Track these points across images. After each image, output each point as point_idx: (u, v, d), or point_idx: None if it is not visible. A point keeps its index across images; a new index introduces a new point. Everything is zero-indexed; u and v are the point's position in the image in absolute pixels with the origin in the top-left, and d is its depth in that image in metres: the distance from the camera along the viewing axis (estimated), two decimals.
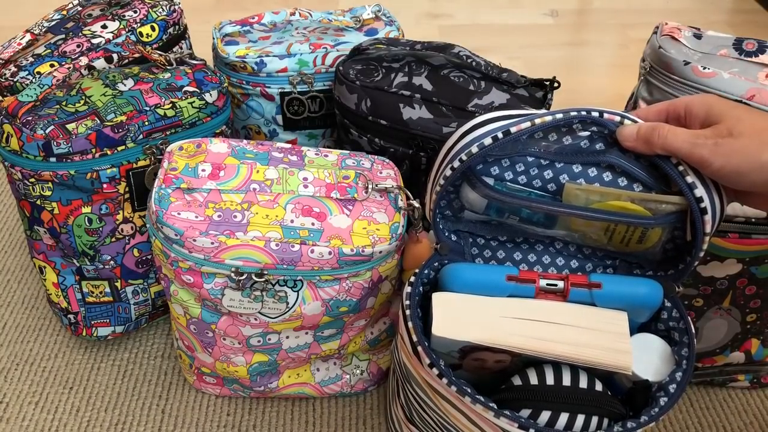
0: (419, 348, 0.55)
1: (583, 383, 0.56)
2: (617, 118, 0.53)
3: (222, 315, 0.68)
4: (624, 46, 1.52)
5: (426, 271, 0.61)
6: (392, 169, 0.72)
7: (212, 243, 0.61)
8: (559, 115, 0.53)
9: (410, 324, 0.57)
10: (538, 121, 0.53)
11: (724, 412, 0.80)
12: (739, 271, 0.69)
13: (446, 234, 0.63)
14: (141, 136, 0.71)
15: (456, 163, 0.55)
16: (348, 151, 0.73)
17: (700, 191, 0.51)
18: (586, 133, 0.55)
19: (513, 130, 0.53)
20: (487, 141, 0.53)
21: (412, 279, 0.60)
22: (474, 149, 0.54)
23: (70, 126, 0.68)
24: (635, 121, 0.53)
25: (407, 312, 0.57)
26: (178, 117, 0.72)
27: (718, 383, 0.81)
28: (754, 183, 0.48)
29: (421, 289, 0.60)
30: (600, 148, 0.56)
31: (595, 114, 0.53)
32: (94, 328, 0.81)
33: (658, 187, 0.55)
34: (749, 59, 0.73)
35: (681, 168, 0.51)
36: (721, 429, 0.79)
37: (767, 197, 0.52)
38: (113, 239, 0.76)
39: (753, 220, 0.65)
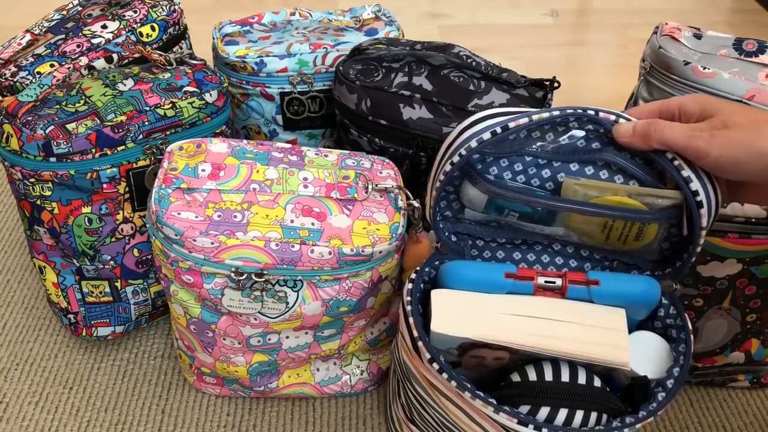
0: (419, 343, 0.56)
1: (582, 379, 0.56)
2: (612, 117, 0.54)
3: (222, 315, 0.68)
4: (624, 46, 1.52)
5: (427, 269, 0.62)
6: (392, 169, 0.72)
7: (212, 243, 0.61)
8: (556, 113, 0.54)
9: (411, 320, 0.57)
10: (535, 117, 0.54)
11: (724, 412, 0.80)
12: (739, 271, 0.69)
13: (446, 234, 0.63)
14: (141, 136, 0.71)
15: (455, 158, 0.55)
16: (348, 151, 0.73)
17: (695, 185, 0.52)
18: (582, 133, 0.56)
19: (511, 125, 0.54)
20: (486, 136, 0.54)
21: (413, 276, 0.60)
22: (473, 144, 0.54)
23: (70, 126, 0.68)
24: (630, 120, 0.54)
25: (408, 308, 0.58)
26: (178, 117, 0.72)
27: (718, 383, 0.81)
28: (752, 172, 0.49)
29: (422, 286, 0.61)
30: (596, 147, 0.56)
31: (591, 112, 0.54)
32: (94, 328, 0.81)
33: (654, 184, 0.56)
34: (749, 59, 0.73)
35: (677, 162, 0.52)
36: (721, 429, 0.79)
37: (763, 189, 0.53)
38: (113, 239, 0.76)
39: (753, 220, 0.65)
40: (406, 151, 0.78)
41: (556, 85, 0.78)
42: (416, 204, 0.67)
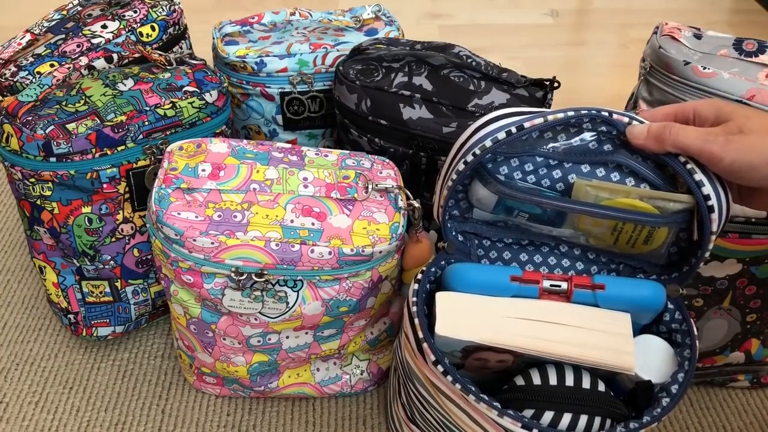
0: (424, 345, 0.56)
1: (586, 384, 0.56)
2: (626, 119, 0.54)
3: (222, 315, 0.68)
4: (624, 46, 1.52)
5: (433, 269, 0.61)
6: (392, 169, 0.72)
7: (212, 243, 0.61)
8: (571, 113, 0.54)
9: (416, 321, 0.57)
10: (550, 117, 0.54)
11: (724, 412, 0.80)
12: (739, 271, 0.69)
13: (453, 234, 0.63)
14: (141, 136, 0.71)
15: (469, 157, 0.55)
16: (348, 151, 0.73)
17: (707, 189, 0.52)
18: (594, 135, 0.56)
19: (527, 125, 0.54)
20: (501, 135, 0.54)
21: (419, 276, 0.60)
22: (488, 143, 0.54)
23: (70, 126, 0.68)
24: (644, 122, 0.54)
25: (413, 309, 0.57)
26: (178, 117, 0.72)
27: (718, 383, 0.81)
28: (765, 178, 0.50)
29: (427, 286, 0.60)
30: (608, 149, 0.56)
31: (605, 113, 0.54)
32: (94, 328, 0.81)
33: (666, 188, 0.56)
34: (749, 59, 0.73)
35: (689, 166, 0.52)
36: (721, 429, 0.79)
37: None
38: (113, 239, 0.76)
39: (753, 220, 0.65)
40: (406, 151, 0.78)
41: (556, 85, 0.78)
42: (416, 204, 0.66)
